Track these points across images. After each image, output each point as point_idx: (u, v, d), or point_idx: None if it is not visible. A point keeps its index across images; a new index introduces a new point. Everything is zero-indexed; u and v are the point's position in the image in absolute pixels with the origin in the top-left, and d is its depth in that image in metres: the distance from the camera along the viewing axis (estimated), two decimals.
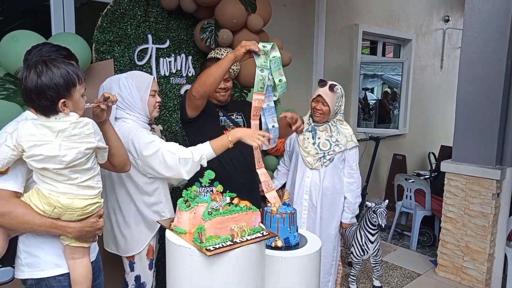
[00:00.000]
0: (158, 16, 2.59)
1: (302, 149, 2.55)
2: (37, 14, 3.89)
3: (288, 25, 3.90)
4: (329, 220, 2.57)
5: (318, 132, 2.55)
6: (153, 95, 1.95)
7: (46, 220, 1.34)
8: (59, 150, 1.27)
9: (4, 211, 1.30)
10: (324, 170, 2.51)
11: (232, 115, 2.37)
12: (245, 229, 1.58)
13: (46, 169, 1.30)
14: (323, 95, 2.44)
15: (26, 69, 1.27)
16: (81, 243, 1.44)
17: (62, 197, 1.34)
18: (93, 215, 1.45)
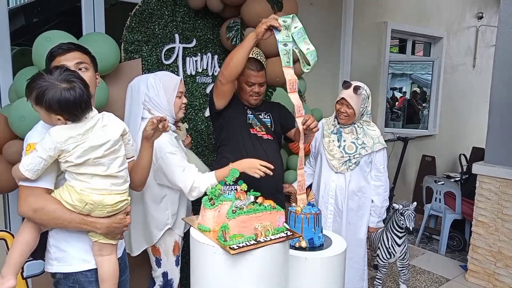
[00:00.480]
0: (185, 16, 2.62)
1: (327, 152, 2.49)
2: (70, 15, 4.01)
3: (315, 23, 3.86)
4: (358, 224, 2.50)
5: (343, 135, 2.48)
6: (180, 97, 1.97)
7: (76, 216, 1.39)
8: (99, 139, 1.37)
9: (37, 207, 1.34)
10: (350, 174, 2.45)
11: (260, 114, 2.36)
12: (269, 229, 1.57)
13: (85, 163, 1.35)
14: (347, 98, 2.38)
15: (62, 89, 1.30)
16: (109, 240, 1.47)
17: (95, 193, 1.39)
18: (121, 212, 1.49)
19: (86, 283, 1.48)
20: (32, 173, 1.31)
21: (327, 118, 2.64)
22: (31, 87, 1.33)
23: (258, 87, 2.28)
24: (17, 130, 1.89)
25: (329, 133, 2.53)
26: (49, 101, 1.29)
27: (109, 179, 1.43)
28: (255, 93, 2.28)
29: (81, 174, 1.37)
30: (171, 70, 2.60)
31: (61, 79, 1.32)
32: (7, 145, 1.91)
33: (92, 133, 1.38)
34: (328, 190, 2.51)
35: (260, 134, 2.32)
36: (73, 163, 1.34)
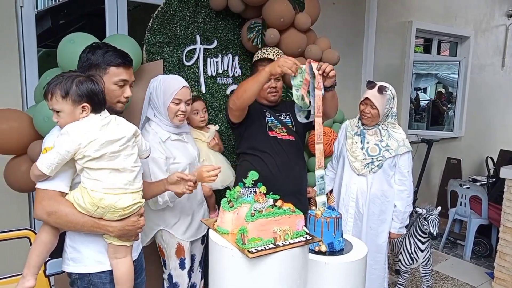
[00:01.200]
0: (207, 17, 2.62)
1: (349, 154, 2.44)
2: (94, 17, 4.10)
3: (337, 23, 3.80)
4: (379, 229, 2.44)
5: (367, 136, 2.43)
6: (177, 103, 1.94)
7: (88, 220, 1.40)
8: (114, 134, 1.40)
9: (51, 211, 1.37)
10: (372, 177, 2.39)
11: (280, 115, 2.34)
12: (288, 232, 1.55)
13: (102, 157, 1.37)
14: (371, 98, 2.33)
15: (84, 79, 1.39)
16: (123, 242, 1.48)
17: (109, 194, 1.39)
18: (134, 214, 1.49)
19: (100, 285, 1.49)
20: (47, 168, 1.32)
21: (351, 119, 2.59)
22: (51, 85, 1.37)
23: (275, 82, 2.27)
24: (41, 130, 1.93)
25: (352, 135, 2.48)
26: (76, 88, 1.36)
27: (125, 174, 1.44)
28: (273, 88, 2.27)
29: (97, 169, 1.38)
30: (191, 72, 2.61)
31: (78, 74, 1.41)
32: (32, 145, 1.95)
33: (107, 128, 1.41)
34: (349, 192, 2.46)
35: (280, 135, 2.29)
36: (90, 157, 1.36)
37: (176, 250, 2.06)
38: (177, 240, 2.05)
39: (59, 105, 1.38)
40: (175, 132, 2.01)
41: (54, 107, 1.39)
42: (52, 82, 1.39)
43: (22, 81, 2.43)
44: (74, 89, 1.36)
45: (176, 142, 2.01)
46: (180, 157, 1.99)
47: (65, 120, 1.39)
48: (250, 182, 1.77)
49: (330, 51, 2.71)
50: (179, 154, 2.00)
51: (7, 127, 1.93)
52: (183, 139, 2.06)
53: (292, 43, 2.61)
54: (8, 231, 1.77)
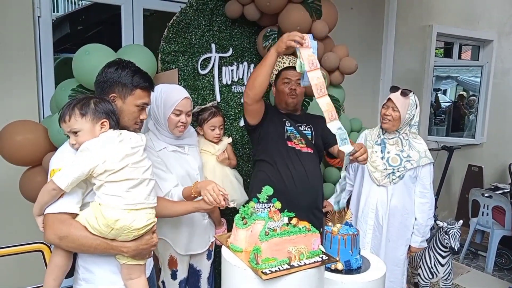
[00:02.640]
0: (222, 25, 2.59)
1: (369, 163, 2.37)
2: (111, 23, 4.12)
3: (356, 28, 3.73)
4: (398, 242, 2.37)
5: (387, 146, 2.36)
6: (177, 115, 1.90)
7: (101, 242, 1.38)
8: (131, 147, 1.41)
9: (62, 235, 1.34)
10: (392, 188, 2.32)
11: (300, 126, 2.29)
12: (303, 252, 1.50)
13: (125, 168, 1.37)
14: (393, 99, 2.28)
15: (100, 99, 1.44)
16: (137, 261, 1.46)
17: (123, 216, 1.36)
18: (147, 232, 1.46)
19: None
20: (64, 182, 1.30)
21: (371, 129, 2.52)
22: (68, 108, 1.39)
23: (296, 86, 2.23)
24: (56, 142, 1.93)
25: (372, 144, 2.41)
26: (95, 106, 1.40)
27: (144, 187, 1.43)
28: (293, 91, 2.23)
29: (120, 182, 1.37)
30: (206, 80, 2.58)
31: (92, 96, 1.47)
32: (46, 156, 1.95)
33: (123, 143, 1.42)
34: (369, 203, 2.39)
35: (298, 147, 2.23)
36: (113, 170, 1.35)
37: (169, 262, 2.03)
38: (170, 252, 2.00)
39: (78, 124, 1.38)
40: (175, 143, 1.97)
41: (73, 128, 1.39)
42: (68, 104, 1.40)
43: (38, 90, 2.45)
44: (93, 107, 1.40)
45: (173, 153, 1.96)
46: (176, 167, 1.93)
47: (84, 138, 1.38)
48: (265, 198, 1.73)
49: (348, 59, 2.64)
50: (174, 164, 1.93)
51: (23, 139, 1.94)
52: (183, 151, 2.00)
53: None
54: (21, 245, 1.77)
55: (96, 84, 1.55)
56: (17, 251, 1.76)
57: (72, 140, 1.41)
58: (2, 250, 1.74)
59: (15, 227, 2.36)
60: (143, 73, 1.56)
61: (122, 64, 1.54)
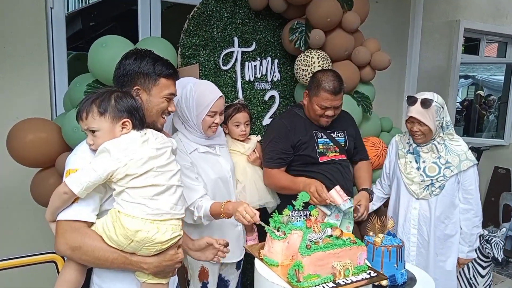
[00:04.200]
0: (245, 18, 2.43)
1: (404, 176, 2.16)
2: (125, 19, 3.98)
3: (380, 22, 3.54)
4: (446, 255, 2.16)
5: (422, 155, 2.13)
6: (212, 116, 1.76)
7: (119, 256, 1.21)
8: (157, 148, 1.25)
9: (75, 246, 1.17)
10: (434, 200, 2.10)
11: (332, 132, 2.10)
12: (348, 268, 1.33)
13: (148, 173, 1.21)
14: (415, 116, 2.03)
15: (122, 94, 1.27)
16: (159, 280, 1.28)
17: (145, 227, 1.19)
18: (172, 247, 1.28)
19: None
20: (78, 186, 1.14)
21: (401, 135, 2.29)
22: (86, 103, 1.22)
23: (333, 111, 1.99)
24: (70, 141, 1.78)
25: (405, 153, 2.19)
26: (116, 103, 1.23)
27: (170, 195, 1.26)
28: (327, 117, 2.00)
29: (143, 188, 1.20)
30: (228, 76, 2.42)
31: (115, 89, 1.29)
32: (60, 157, 1.81)
33: (148, 145, 1.25)
34: (409, 218, 2.17)
35: (332, 157, 2.06)
36: (136, 174, 1.19)
37: (199, 273, 1.86)
38: (201, 263, 1.84)
39: (96, 123, 1.22)
40: (206, 144, 1.82)
41: (91, 126, 1.22)
42: (86, 100, 1.24)
43: (51, 86, 2.31)
44: (113, 104, 1.23)
45: (205, 155, 1.82)
46: (207, 171, 1.79)
47: (102, 139, 1.22)
48: (300, 205, 1.57)
49: (380, 54, 2.46)
50: (207, 168, 1.80)
51: (34, 138, 1.80)
52: (214, 152, 1.86)
53: (339, 45, 2.38)
54: (33, 255, 1.62)
55: (115, 80, 1.38)
56: (27, 263, 1.61)
57: (89, 140, 1.25)
58: (11, 262, 1.59)
59: (25, 234, 2.22)
60: (164, 60, 1.39)
61: (140, 53, 1.38)
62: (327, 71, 2.01)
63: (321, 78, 1.95)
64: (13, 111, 2.08)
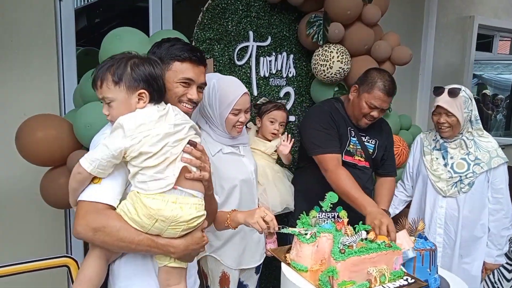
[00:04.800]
0: (260, 11, 2.34)
1: (430, 173, 2.07)
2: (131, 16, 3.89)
3: (394, 18, 3.42)
4: (472, 257, 2.08)
5: (449, 150, 2.05)
6: (236, 114, 1.65)
7: (145, 238, 1.12)
8: (175, 124, 1.14)
9: (98, 226, 1.09)
10: (463, 197, 2.02)
11: (364, 136, 2.00)
12: (384, 273, 1.24)
13: (164, 148, 1.11)
14: (443, 105, 1.96)
15: (139, 61, 1.16)
16: (180, 263, 1.19)
17: (167, 207, 1.10)
18: (198, 229, 1.19)
19: None
20: (90, 163, 1.07)
21: (426, 132, 2.22)
22: (101, 70, 1.13)
23: (379, 113, 1.90)
24: (82, 139, 1.69)
25: (431, 150, 2.11)
26: (132, 72, 1.13)
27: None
28: (371, 117, 1.90)
29: (158, 165, 1.11)
30: (243, 72, 2.33)
31: (133, 55, 1.18)
32: (72, 155, 1.72)
33: (165, 120, 1.15)
34: (436, 218, 2.08)
35: (355, 161, 1.96)
36: (150, 153, 1.09)
37: (220, 279, 1.76)
38: (223, 268, 1.74)
39: (111, 93, 1.13)
40: (230, 143, 1.71)
41: (106, 96, 1.13)
42: (102, 66, 1.14)
43: (59, 82, 2.22)
44: (129, 73, 1.13)
45: (229, 156, 1.71)
46: (232, 173, 1.68)
47: (118, 111, 1.13)
48: (328, 206, 1.48)
49: (401, 48, 2.38)
50: (232, 170, 1.69)
51: (44, 135, 1.71)
52: (238, 152, 1.75)
53: (358, 39, 2.30)
54: (45, 259, 1.53)
55: None
56: (38, 267, 1.52)
57: (105, 110, 1.16)
58: (21, 266, 1.50)
59: (35, 236, 2.12)
60: (183, 44, 1.29)
61: (163, 40, 1.31)
62: (383, 71, 1.93)
63: (378, 76, 1.86)
64: (20, 107, 1.99)
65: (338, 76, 2.30)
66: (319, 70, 2.31)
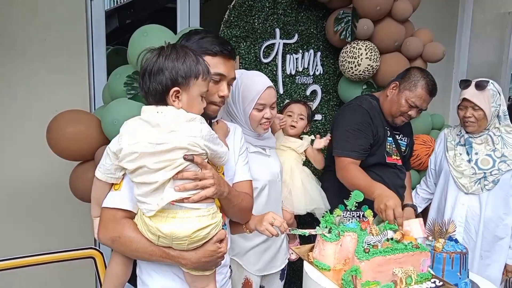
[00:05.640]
0: (287, 8, 2.32)
1: (453, 169, 2.01)
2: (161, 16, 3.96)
3: (427, 14, 3.31)
4: (492, 258, 2.01)
5: (474, 146, 1.99)
6: (260, 110, 1.57)
7: (156, 249, 1.12)
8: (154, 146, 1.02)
9: (114, 236, 1.12)
10: (486, 195, 1.95)
11: (398, 135, 1.97)
12: (411, 275, 1.20)
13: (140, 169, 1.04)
14: (469, 98, 1.90)
15: (149, 51, 1.10)
16: (201, 272, 1.17)
17: (165, 224, 1.06)
18: (210, 241, 1.12)
19: None
20: (100, 171, 1.11)
21: (450, 128, 2.16)
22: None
23: (416, 113, 1.88)
24: (110, 134, 1.72)
25: (454, 145, 2.05)
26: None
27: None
28: (408, 116, 1.88)
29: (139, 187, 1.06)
30: (269, 70, 2.32)
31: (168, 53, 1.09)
32: (99, 150, 1.75)
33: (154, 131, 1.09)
34: (457, 215, 2.02)
35: (395, 160, 1.94)
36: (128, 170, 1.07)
37: (243, 286, 1.70)
38: (246, 274, 1.69)
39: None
40: (258, 144, 1.65)
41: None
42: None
43: (90, 80, 2.28)
44: (141, 69, 1.12)
45: (255, 155, 1.63)
46: (258, 173, 1.58)
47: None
48: (353, 205, 1.44)
49: (433, 45, 2.30)
50: (258, 169, 1.59)
51: (74, 131, 1.75)
52: (264, 152, 1.69)
53: (388, 36, 2.24)
54: (71, 250, 1.58)
55: None
56: (65, 258, 1.57)
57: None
58: (48, 256, 1.55)
59: (64, 228, 2.19)
60: (216, 37, 1.25)
61: (191, 32, 1.28)
62: (426, 71, 1.91)
63: (422, 76, 1.84)
64: (52, 104, 2.05)
65: (367, 74, 2.25)
66: (347, 67, 2.26)
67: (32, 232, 2.18)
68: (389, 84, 1.92)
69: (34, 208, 2.17)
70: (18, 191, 2.12)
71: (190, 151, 1.04)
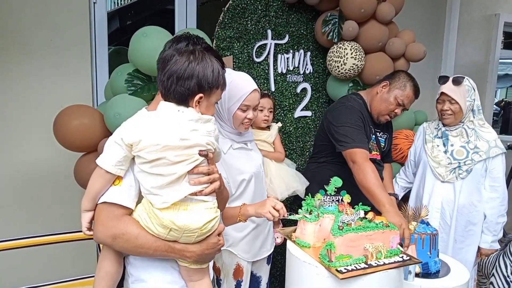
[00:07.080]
0: (279, 10, 2.46)
1: (430, 159, 2.17)
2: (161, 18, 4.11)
3: (415, 15, 3.47)
4: (465, 242, 2.16)
5: (450, 138, 2.15)
6: (244, 110, 1.64)
7: (161, 244, 1.14)
8: (181, 138, 1.09)
9: (117, 233, 1.11)
10: (460, 184, 2.11)
11: (378, 132, 2.12)
12: (381, 250, 1.34)
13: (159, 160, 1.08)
14: (447, 92, 2.09)
15: (177, 52, 1.11)
16: (199, 265, 1.25)
17: (178, 216, 1.11)
18: (213, 234, 1.20)
19: None
20: (109, 163, 1.10)
21: (429, 122, 2.32)
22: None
23: (402, 111, 2.07)
24: (112, 127, 1.86)
25: (432, 138, 2.21)
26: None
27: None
28: (394, 115, 2.05)
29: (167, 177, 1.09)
30: (261, 68, 2.46)
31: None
32: (102, 142, 1.89)
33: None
34: (433, 202, 2.18)
35: (374, 156, 2.08)
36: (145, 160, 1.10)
37: (234, 271, 1.81)
38: (237, 260, 1.80)
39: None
40: (240, 140, 1.74)
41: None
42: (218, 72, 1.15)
43: (93, 78, 2.42)
44: (167, 70, 1.14)
45: (239, 150, 1.74)
46: (246, 166, 1.71)
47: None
48: (333, 190, 1.58)
49: (415, 45, 2.44)
50: (244, 163, 1.72)
51: (79, 124, 1.90)
52: (247, 147, 1.80)
53: (372, 37, 2.38)
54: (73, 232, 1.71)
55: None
56: (69, 238, 1.70)
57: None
58: (53, 237, 1.68)
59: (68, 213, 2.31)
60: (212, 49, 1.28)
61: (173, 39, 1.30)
62: (412, 76, 2.08)
63: (409, 78, 2.04)
64: (58, 99, 2.20)
65: (352, 72, 2.39)
66: (334, 66, 2.41)
67: (39, 217, 2.33)
68: (379, 83, 2.07)
69: (40, 194, 2.32)
70: (27, 179, 2.28)
71: (206, 148, 1.13)
